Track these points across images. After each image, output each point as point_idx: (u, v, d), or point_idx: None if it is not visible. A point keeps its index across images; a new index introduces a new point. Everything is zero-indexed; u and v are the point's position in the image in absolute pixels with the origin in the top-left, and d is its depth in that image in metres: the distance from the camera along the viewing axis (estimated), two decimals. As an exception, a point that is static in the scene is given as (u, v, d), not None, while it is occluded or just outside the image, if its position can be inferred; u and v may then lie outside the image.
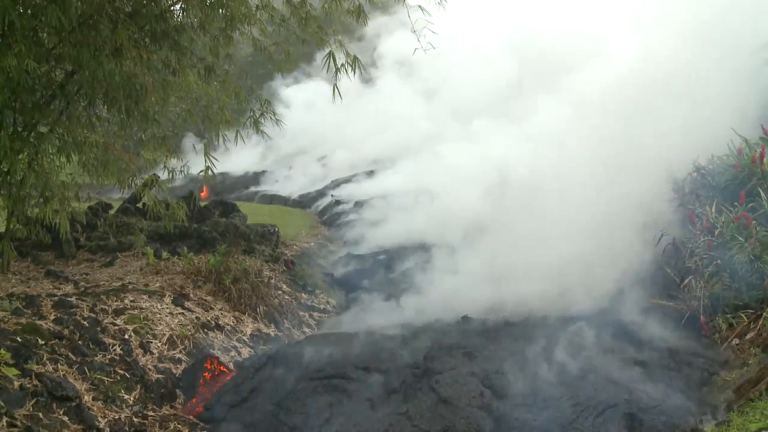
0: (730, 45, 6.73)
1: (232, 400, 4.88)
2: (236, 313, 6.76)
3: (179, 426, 4.64)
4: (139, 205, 8.91)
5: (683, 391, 4.64)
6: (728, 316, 5.42)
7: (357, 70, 5.53)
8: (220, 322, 6.37)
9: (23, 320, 5.02)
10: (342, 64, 5.43)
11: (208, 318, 6.32)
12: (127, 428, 4.37)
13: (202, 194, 14.36)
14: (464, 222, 8.98)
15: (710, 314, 5.54)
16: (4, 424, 3.76)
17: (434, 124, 15.18)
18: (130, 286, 6.45)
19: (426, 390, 4.74)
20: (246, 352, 6.12)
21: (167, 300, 6.31)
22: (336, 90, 5.49)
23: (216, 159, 5.15)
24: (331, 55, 5.45)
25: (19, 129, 5.12)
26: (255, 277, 7.15)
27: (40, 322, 5.02)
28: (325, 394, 4.81)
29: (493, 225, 7.98)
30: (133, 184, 5.42)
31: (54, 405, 4.16)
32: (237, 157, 18.92)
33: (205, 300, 6.72)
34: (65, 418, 4.12)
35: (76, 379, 4.55)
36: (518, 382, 4.77)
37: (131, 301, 5.99)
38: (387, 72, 18.46)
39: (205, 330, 6.07)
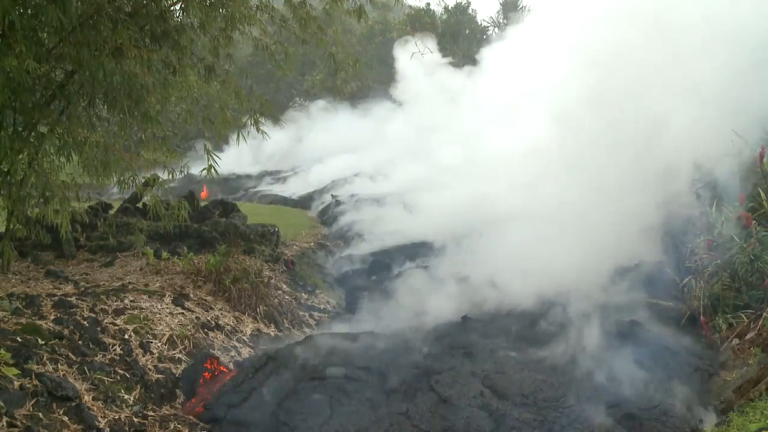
0: (731, 44, 6.73)
1: (232, 400, 4.88)
2: (236, 313, 6.76)
3: (179, 426, 4.64)
4: (139, 205, 8.92)
5: (683, 391, 4.64)
6: (728, 316, 5.43)
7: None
8: (220, 322, 6.37)
9: (23, 320, 5.01)
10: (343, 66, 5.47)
11: (208, 318, 6.32)
12: (127, 428, 4.37)
13: (202, 194, 14.37)
14: (462, 222, 9.00)
15: (710, 314, 5.54)
16: (4, 424, 3.76)
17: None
18: (130, 286, 6.44)
19: (426, 390, 4.74)
20: (246, 352, 6.12)
21: (167, 300, 6.30)
22: (340, 90, 5.61)
23: (219, 157, 5.16)
24: (331, 56, 5.48)
25: (19, 129, 5.11)
26: (255, 277, 7.15)
27: (40, 322, 5.02)
28: (325, 394, 4.81)
29: (492, 225, 7.98)
30: (133, 184, 5.42)
31: (54, 405, 4.16)
32: (237, 157, 18.96)
33: (205, 300, 6.72)
34: (65, 418, 4.12)
35: (76, 379, 4.54)
36: (518, 381, 4.77)
37: (131, 301, 5.99)
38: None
39: (205, 330, 6.07)
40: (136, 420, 4.50)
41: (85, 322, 5.30)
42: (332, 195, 14.13)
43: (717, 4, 6.81)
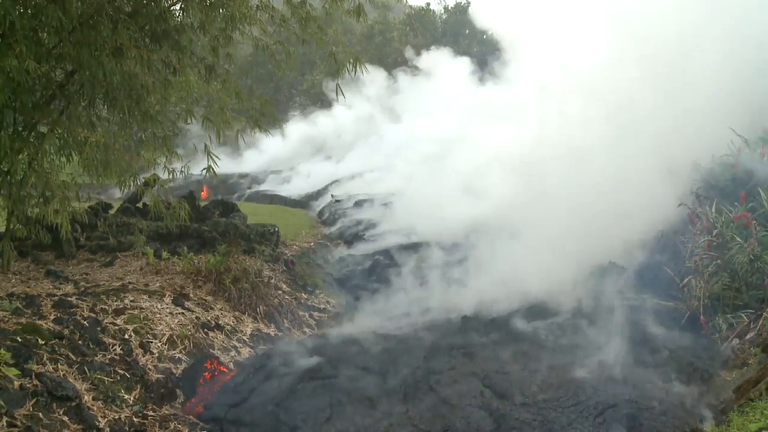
0: (731, 44, 6.73)
1: (232, 400, 4.88)
2: (236, 313, 6.76)
3: (179, 426, 4.64)
4: (139, 205, 8.92)
5: (683, 391, 4.64)
6: (728, 316, 5.43)
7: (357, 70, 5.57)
8: (220, 322, 6.36)
9: (23, 320, 5.01)
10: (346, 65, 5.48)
11: (208, 318, 6.32)
12: (127, 428, 4.37)
13: (202, 194, 14.37)
14: (462, 223, 9.01)
15: (710, 314, 5.54)
16: (4, 424, 3.76)
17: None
18: (130, 286, 6.45)
19: (426, 390, 4.74)
20: (246, 352, 6.11)
21: (167, 300, 6.30)
22: (338, 89, 5.63)
23: (218, 157, 5.16)
24: (332, 55, 5.48)
25: (19, 129, 5.10)
26: (255, 277, 7.15)
27: (40, 322, 5.02)
28: (325, 394, 4.82)
29: (493, 225, 7.99)
30: (133, 183, 5.41)
31: (54, 405, 4.16)
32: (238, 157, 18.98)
33: (205, 300, 6.71)
34: (65, 418, 4.12)
35: (76, 379, 4.54)
36: (518, 381, 4.77)
37: (131, 301, 5.99)
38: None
39: (205, 330, 6.07)
40: (136, 420, 4.50)
41: (85, 322, 5.30)
42: (332, 195, 14.13)
43: (719, 4, 6.81)
